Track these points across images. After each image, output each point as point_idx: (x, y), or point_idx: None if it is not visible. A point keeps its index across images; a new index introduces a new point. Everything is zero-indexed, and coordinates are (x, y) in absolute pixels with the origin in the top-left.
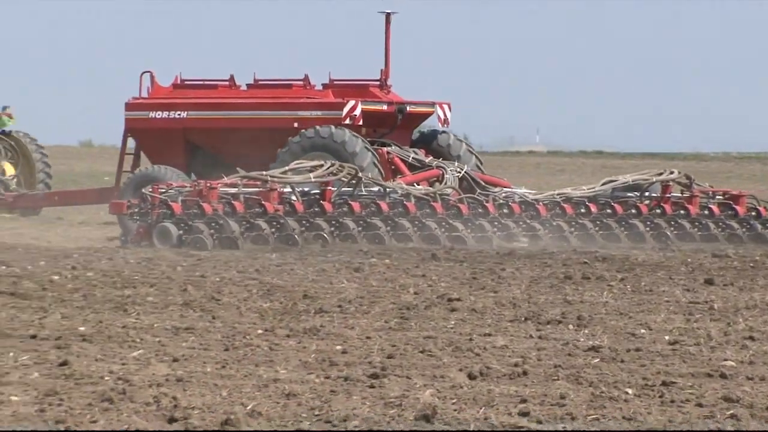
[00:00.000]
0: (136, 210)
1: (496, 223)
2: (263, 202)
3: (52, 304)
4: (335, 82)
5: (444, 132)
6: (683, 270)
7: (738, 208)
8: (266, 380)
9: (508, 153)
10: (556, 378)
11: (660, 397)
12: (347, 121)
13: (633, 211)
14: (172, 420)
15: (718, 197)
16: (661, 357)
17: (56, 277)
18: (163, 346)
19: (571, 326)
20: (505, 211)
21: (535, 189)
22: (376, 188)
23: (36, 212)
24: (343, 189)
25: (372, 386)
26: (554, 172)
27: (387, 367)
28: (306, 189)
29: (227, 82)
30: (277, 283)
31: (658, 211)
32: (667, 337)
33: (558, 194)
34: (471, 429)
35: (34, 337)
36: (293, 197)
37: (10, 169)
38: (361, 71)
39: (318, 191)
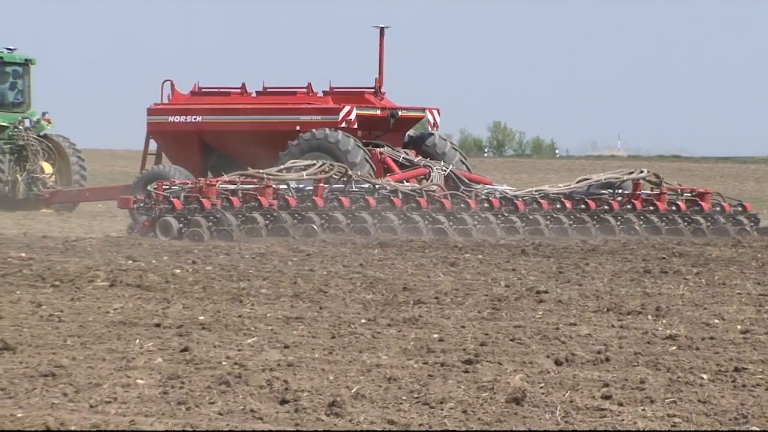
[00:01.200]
0: (142, 205)
1: (476, 217)
2: (259, 197)
3: (175, 296)
4: (335, 90)
5: (433, 134)
6: (754, 264)
7: (703, 204)
8: (369, 365)
9: (591, 157)
10: (636, 364)
11: (732, 382)
12: (343, 125)
13: (605, 206)
14: (283, 401)
15: (686, 194)
16: (733, 345)
17: (178, 271)
18: (275, 333)
19: (650, 316)
20: (486, 205)
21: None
22: (366, 185)
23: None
24: (336, 186)
25: (466, 371)
26: None
27: (480, 353)
28: (301, 186)
29: (239, 90)
30: (379, 277)
31: (629, 206)
32: (739, 327)
33: (536, 191)
34: (558, 411)
35: (158, 325)
36: (288, 193)
37: (48, 168)
38: (371, 80)
39: (311, 188)
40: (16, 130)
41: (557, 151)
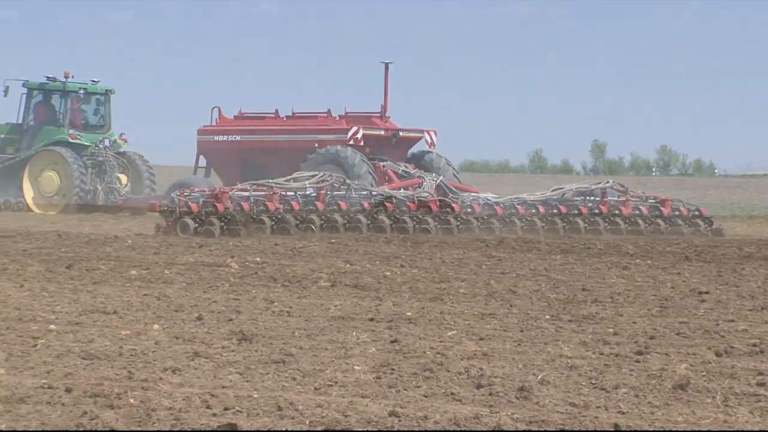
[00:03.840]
0: (166, 209)
1: (459, 219)
2: (267, 202)
3: (385, 294)
4: (348, 114)
5: (430, 152)
6: None
7: (663, 209)
8: (553, 356)
9: (746, 176)
10: None
11: None
12: (351, 142)
13: (575, 211)
14: (479, 386)
15: (650, 201)
16: None
17: (388, 273)
18: (472, 327)
19: None
20: (468, 210)
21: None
22: (364, 192)
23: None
24: (336, 192)
25: (637, 361)
26: None
27: (649, 346)
28: (308, 193)
29: (273, 114)
30: (561, 279)
31: (597, 211)
32: None
33: (515, 198)
34: (718, 396)
35: (371, 320)
36: (294, 199)
37: (123, 179)
38: (388, 106)
39: (315, 194)
40: (96, 148)
41: (716, 171)
